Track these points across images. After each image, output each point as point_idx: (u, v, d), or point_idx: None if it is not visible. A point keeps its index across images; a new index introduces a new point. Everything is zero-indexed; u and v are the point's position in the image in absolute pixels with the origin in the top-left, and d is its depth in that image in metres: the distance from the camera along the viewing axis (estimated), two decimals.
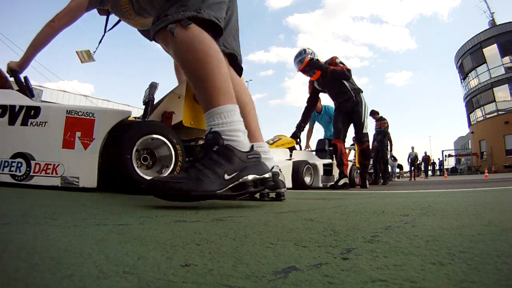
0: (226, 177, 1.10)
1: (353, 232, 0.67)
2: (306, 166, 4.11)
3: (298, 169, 3.90)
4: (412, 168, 14.74)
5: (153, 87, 2.48)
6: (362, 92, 4.58)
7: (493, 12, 23.86)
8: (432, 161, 21.33)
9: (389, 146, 8.61)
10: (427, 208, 1.16)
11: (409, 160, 14.88)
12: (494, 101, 21.27)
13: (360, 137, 4.57)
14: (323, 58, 4.62)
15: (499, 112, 20.78)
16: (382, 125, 7.61)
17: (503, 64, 20.54)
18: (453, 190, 2.68)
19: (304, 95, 5.24)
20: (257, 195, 1.53)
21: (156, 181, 1.12)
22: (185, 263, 0.42)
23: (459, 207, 1.19)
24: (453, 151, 27.98)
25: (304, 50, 4.51)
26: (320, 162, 4.58)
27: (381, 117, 7.75)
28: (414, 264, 0.42)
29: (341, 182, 4.12)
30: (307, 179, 4.20)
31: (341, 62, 4.51)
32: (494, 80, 20.88)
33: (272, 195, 1.56)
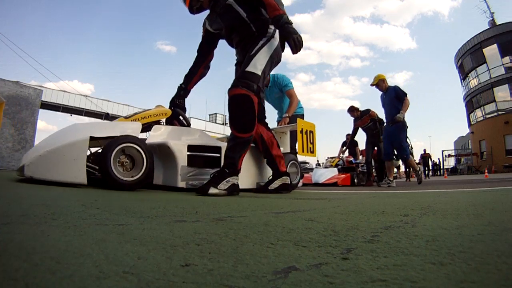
0: None
1: (353, 232, 0.67)
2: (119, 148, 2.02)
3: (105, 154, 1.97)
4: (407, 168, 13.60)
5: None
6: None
7: (493, 12, 23.87)
8: (433, 161, 18.49)
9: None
10: (427, 208, 1.16)
11: None
12: (494, 101, 21.27)
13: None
14: (323, 57, 4.70)
15: (499, 112, 20.78)
16: (371, 115, 6.18)
17: (503, 64, 20.53)
18: (453, 190, 2.68)
19: (304, 95, 5.18)
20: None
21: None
22: (185, 263, 0.42)
23: (459, 207, 1.19)
24: (453, 151, 27.98)
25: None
26: (181, 143, 2.38)
27: (364, 111, 6.35)
28: (414, 264, 0.42)
29: (276, 183, 2.54)
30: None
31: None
32: (494, 80, 20.88)
33: None
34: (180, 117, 2.71)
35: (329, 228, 0.73)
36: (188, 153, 2.37)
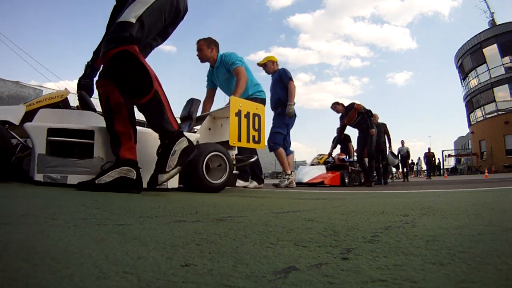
0: None
1: (353, 232, 0.67)
2: None
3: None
4: (405, 167, 11.48)
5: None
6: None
7: (493, 12, 23.88)
8: (435, 161, 16.51)
9: (386, 140, 7.10)
10: (427, 208, 1.16)
11: (399, 157, 11.35)
12: (494, 101, 21.28)
13: None
14: (324, 57, 4.62)
15: (499, 112, 20.79)
16: (357, 109, 5.52)
17: (503, 64, 20.54)
18: (453, 190, 2.68)
19: (304, 95, 5.06)
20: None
21: None
22: (185, 263, 0.42)
23: (459, 207, 1.19)
24: (453, 151, 28.00)
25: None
26: (40, 126, 1.94)
27: (348, 107, 5.67)
28: (414, 264, 0.42)
29: (111, 176, 1.74)
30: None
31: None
32: (494, 80, 20.90)
33: None
34: (84, 99, 2.24)
35: (329, 228, 0.73)
36: (49, 138, 1.89)
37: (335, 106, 5.87)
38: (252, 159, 3.21)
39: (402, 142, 11.90)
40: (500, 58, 20.85)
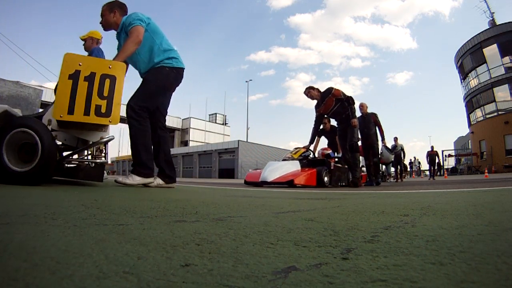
0: None
1: (353, 232, 0.67)
2: None
3: None
4: (398, 167, 10.56)
5: None
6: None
7: (493, 12, 23.88)
8: (439, 160, 14.18)
9: (378, 132, 6.00)
10: (427, 208, 1.16)
11: (394, 156, 10.06)
12: (494, 101, 21.27)
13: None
14: (324, 57, 4.42)
15: (499, 112, 20.77)
16: (335, 95, 4.63)
17: (503, 64, 20.53)
18: (453, 190, 2.68)
19: (304, 95, 4.69)
20: None
21: None
22: (185, 263, 0.42)
23: (459, 207, 1.19)
24: (453, 151, 28.00)
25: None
26: None
27: (325, 92, 4.76)
28: (414, 264, 0.42)
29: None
30: None
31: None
32: (494, 80, 20.88)
33: None
34: None
35: (329, 228, 0.73)
36: None
37: (309, 91, 4.77)
38: (106, 139, 2.45)
39: (395, 139, 10.64)
40: (500, 58, 20.84)
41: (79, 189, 1.82)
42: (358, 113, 5.72)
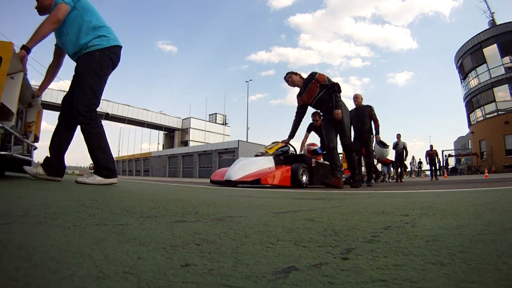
0: None
1: (353, 232, 0.67)
2: None
3: None
4: (400, 166, 9.88)
5: None
6: None
7: (493, 12, 23.88)
8: (439, 159, 13.28)
9: (373, 126, 5.50)
10: (427, 208, 1.16)
11: (395, 154, 9.82)
12: (494, 101, 21.28)
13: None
14: (324, 57, 4.24)
15: (499, 112, 20.78)
16: (319, 80, 3.99)
17: (503, 64, 20.53)
18: (453, 190, 2.68)
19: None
20: None
21: None
22: (185, 263, 0.42)
23: (459, 207, 1.19)
24: (453, 151, 28.01)
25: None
26: None
27: (307, 78, 4.11)
28: (414, 264, 0.42)
29: None
30: None
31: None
32: (494, 80, 20.89)
33: None
34: None
35: (329, 228, 0.73)
36: None
37: (290, 76, 4.13)
38: None
39: (398, 136, 9.88)
40: (500, 58, 20.85)
41: (79, 189, 1.82)
42: (352, 106, 5.41)
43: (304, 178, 4.22)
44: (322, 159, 5.10)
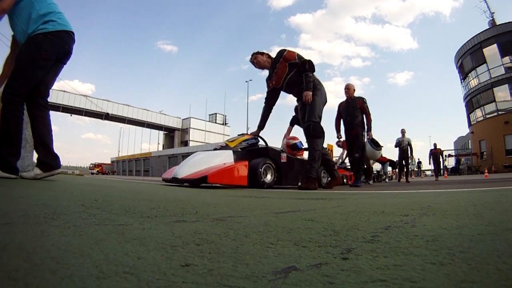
0: None
1: (353, 232, 0.67)
2: None
3: None
4: (405, 165, 9.25)
5: None
6: None
7: (493, 12, 23.89)
8: (443, 158, 12.76)
9: (365, 121, 5.07)
10: (427, 208, 1.16)
11: (399, 152, 9.19)
12: (494, 101, 21.28)
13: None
14: (324, 57, 4.02)
15: (499, 112, 20.79)
16: (288, 58, 3.47)
17: (503, 64, 20.54)
18: (453, 190, 2.68)
19: None
20: None
21: None
22: (185, 263, 0.42)
23: (459, 207, 1.19)
24: (453, 151, 28.03)
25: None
26: None
27: (276, 57, 3.59)
28: (414, 264, 0.42)
29: None
30: None
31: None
32: (494, 80, 20.90)
33: None
34: None
35: (329, 228, 0.73)
36: None
37: (256, 56, 3.59)
38: None
39: (403, 132, 9.16)
40: (500, 58, 20.85)
41: (79, 189, 1.82)
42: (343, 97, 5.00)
43: (268, 176, 3.57)
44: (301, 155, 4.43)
